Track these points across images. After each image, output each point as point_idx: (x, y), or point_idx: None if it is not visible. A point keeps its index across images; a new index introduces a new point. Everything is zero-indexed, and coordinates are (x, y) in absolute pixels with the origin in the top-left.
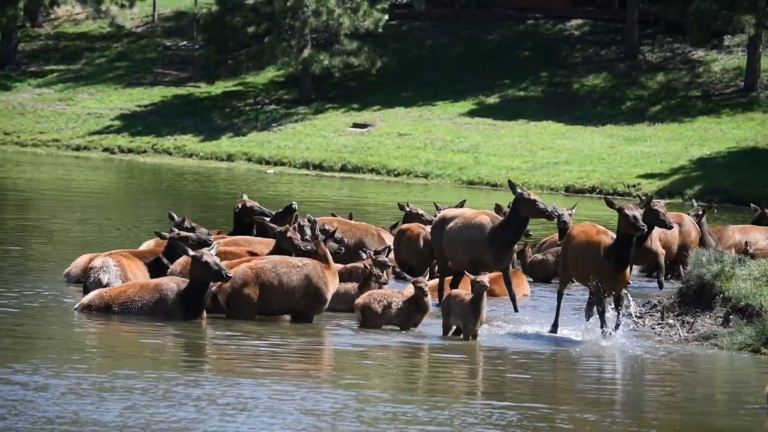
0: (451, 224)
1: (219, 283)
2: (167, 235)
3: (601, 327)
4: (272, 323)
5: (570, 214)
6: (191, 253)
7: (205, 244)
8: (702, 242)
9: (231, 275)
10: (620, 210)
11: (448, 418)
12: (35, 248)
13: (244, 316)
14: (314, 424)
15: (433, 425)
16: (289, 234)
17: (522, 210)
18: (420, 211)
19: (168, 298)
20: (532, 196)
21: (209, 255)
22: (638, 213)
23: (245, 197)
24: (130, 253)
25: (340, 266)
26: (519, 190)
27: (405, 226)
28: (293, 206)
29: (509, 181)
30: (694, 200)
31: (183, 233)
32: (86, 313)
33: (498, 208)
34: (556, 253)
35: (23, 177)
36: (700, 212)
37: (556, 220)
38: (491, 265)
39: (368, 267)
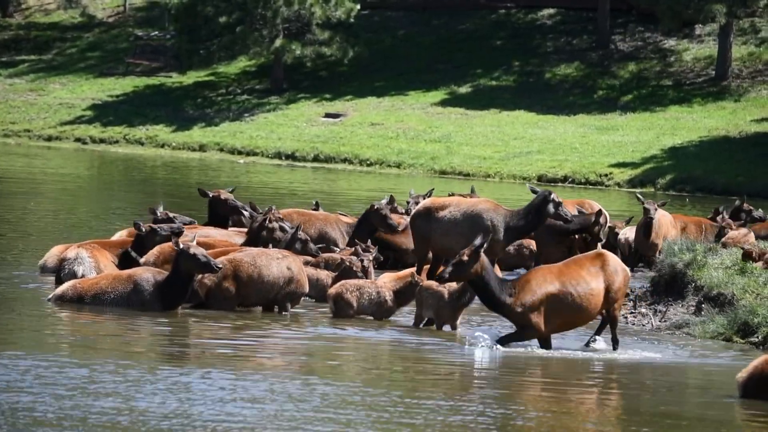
0: (444, 213)
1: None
2: (143, 227)
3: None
4: (246, 313)
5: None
6: (179, 246)
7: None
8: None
9: (221, 267)
10: None
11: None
12: (7, 239)
13: (224, 309)
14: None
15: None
16: (267, 224)
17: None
18: (401, 210)
19: (144, 289)
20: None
21: (196, 247)
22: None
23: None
24: (99, 244)
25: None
26: (548, 193)
27: None
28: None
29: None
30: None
31: (154, 225)
32: (59, 304)
33: (473, 191)
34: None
35: None
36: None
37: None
38: (497, 255)
39: (349, 262)
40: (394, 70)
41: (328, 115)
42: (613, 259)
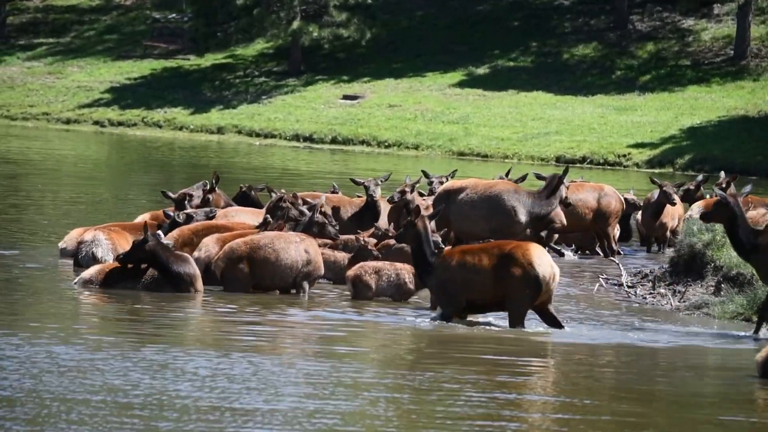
0: (464, 195)
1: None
2: (180, 216)
3: None
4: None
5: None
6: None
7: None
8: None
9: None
10: None
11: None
12: (26, 222)
13: (238, 290)
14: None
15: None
16: (283, 204)
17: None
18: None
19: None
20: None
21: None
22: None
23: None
24: (120, 227)
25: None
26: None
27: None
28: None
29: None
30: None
31: (190, 212)
32: (87, 288)
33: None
34: None
35: (12, 150)
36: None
37: None
38: (518, 235)
39: (364, 240)
40: (412, 52)
41: (345, 97)
42: (523, 252)
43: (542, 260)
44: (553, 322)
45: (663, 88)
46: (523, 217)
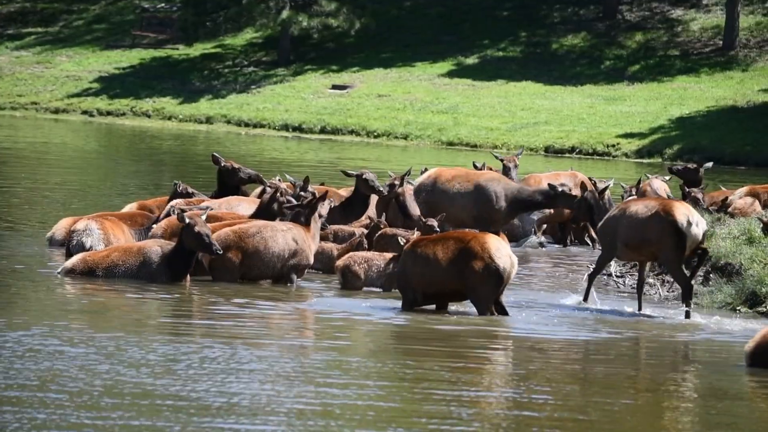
0: (450, 184)
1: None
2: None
3: None
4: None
5: None
6: (186, 220)
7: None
8: None
9: (221, 251)
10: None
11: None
12: (14, 211)
13: (226, 280)
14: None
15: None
16: (278, 198)
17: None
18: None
19: (152, 261)
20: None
21: (202, 225)
22: None
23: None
24: (113, 216)
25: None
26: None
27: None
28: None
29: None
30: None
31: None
32: (70, 277)
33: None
34: None
35: (1, 140)
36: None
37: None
38: (499, 224)
39: (360, 234)
40: (401, 42)
41: (335, 87)
42: (481, 244)
43: (501, 252)
44: (500, 309)
45: (652, 78)
46: (503, 203)
